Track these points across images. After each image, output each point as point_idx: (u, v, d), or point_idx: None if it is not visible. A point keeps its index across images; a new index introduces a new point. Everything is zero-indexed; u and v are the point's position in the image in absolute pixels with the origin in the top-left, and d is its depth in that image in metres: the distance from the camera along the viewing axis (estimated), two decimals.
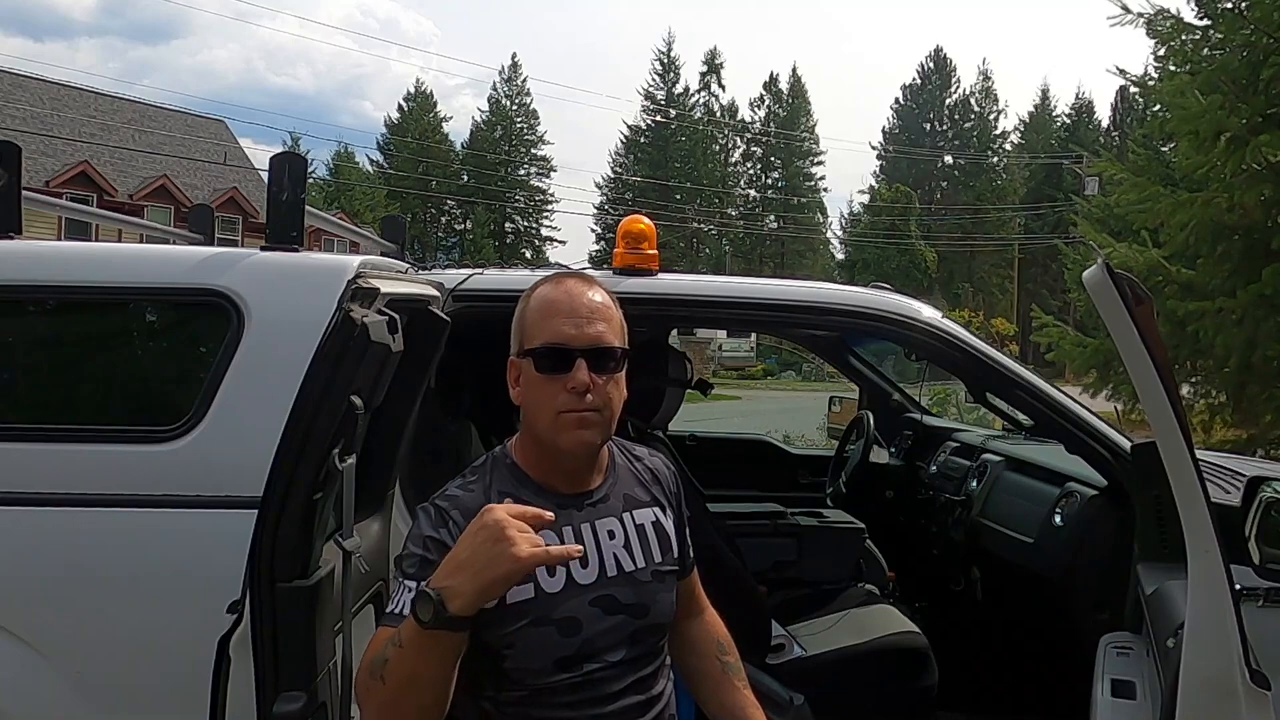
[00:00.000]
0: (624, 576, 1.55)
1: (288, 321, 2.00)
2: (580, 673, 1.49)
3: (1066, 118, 57.74)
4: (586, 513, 1.55)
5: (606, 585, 1.53)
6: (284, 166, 2.10)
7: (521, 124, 56.96)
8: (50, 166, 24.33)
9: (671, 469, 1.74)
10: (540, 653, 1.47)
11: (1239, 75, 7.87)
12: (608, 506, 1.58)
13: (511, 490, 1.51)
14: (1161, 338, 1.88)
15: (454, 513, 1.47)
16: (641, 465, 1.70)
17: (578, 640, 1.49)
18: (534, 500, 1.46)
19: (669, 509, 1.68)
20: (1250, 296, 7.66)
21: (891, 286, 3.02)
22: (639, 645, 1.56)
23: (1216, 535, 1.83)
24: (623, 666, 1.53)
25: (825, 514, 3.55)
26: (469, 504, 1.47)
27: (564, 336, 1.49)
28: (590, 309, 1.52)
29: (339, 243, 15.50)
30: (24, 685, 1.95)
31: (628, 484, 1.64)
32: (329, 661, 1.93)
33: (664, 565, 1.62)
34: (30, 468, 1.99)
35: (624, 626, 1.53)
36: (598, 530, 1.55)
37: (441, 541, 1.44)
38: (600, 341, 1.51)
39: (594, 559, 1.53)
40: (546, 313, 1.52)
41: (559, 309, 1.51)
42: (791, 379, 31.13)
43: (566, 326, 1.50)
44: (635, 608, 1.55)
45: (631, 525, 1.59)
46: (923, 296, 3.34)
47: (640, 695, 1.56)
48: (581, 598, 1.50)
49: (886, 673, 2.83)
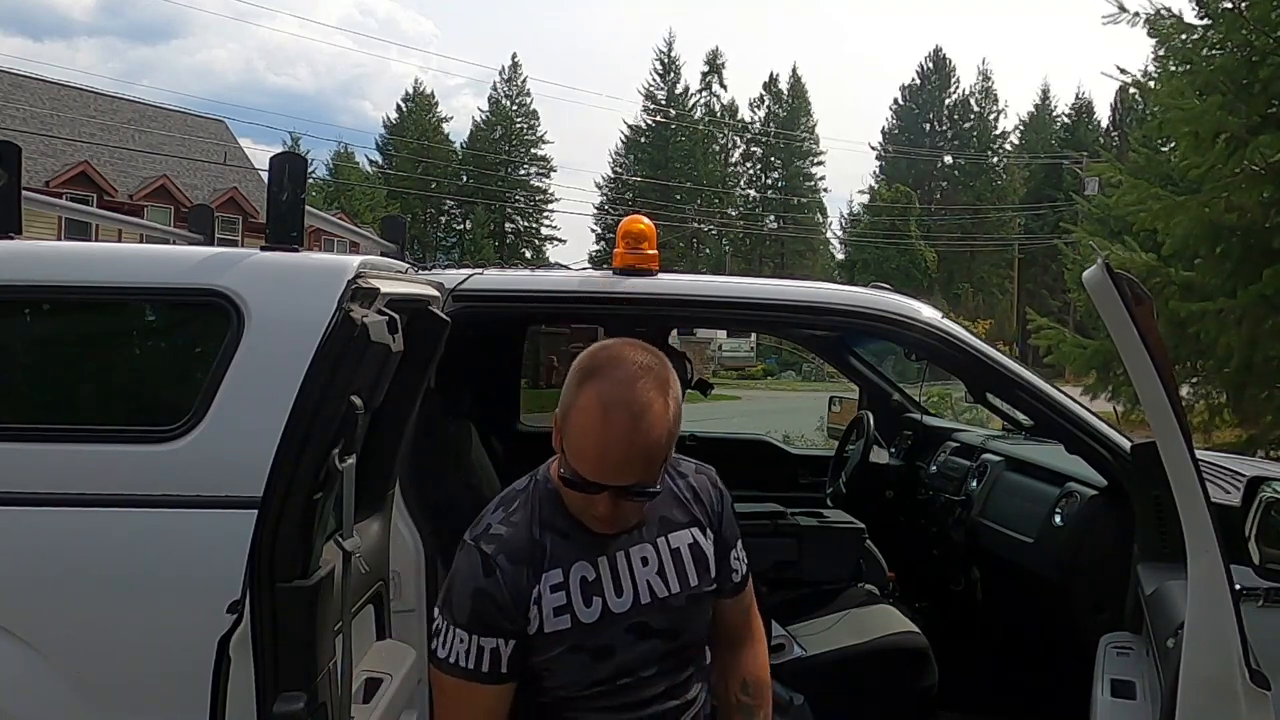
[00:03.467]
0: (657, 603, 1.56)
1: (288, 321, 2.00)
2: (614, 686, 1.54)
3: (1066, 118, 57.79)
4: (620, 540, 1.55)
5: (640, 612, 1.55)
6: (284, 166, 2.10)
7: (521, 124, 56.96)
8: (50, 166, 24.32)
9: (718, 487, 1.70)
10: (576, 676, 1.52)
11: (1238, 76, 7.86)
12: (642, 533, 1.57)
13: (552, 522, 1.53)
14: (1161, 338, 1.88)
15: (500, 558, 1.49)
16: (684, 483, 1.66)
17: (611, 664, 1.53)
18: (572, 533, 1.51)
19: (708, 529, 1.64)
20: (1250, 297, 7.65)
21: (891, 286, 3.02)
22: (671, 660, 1.59)
23: (1216, 535, 1.84)
24: (656, 679, 1.57)
25: (825, 514, 3.54)
26: (514, 543, 1.50)
27: (593, 475, 1.44)
28: (627, 455, 1.42)
29: (339, 243, 15.49)
30: (24, 685, 1.95)
31: (666, 505, 1.61)
32: (329, 661, 1.93)
33: (700, 588, 1.61)
34: (30, 468, 1.99)
35: (657, 648, 1.57)
36: (631, 558, 1.56)
37: (490, 595, 1.47)
38: (629, 484, 1.45)
39: (628, 587, 1.54)
40: (584, 441, 1.44)
41: (593, 450, 1.43)
42: (791, 379, 31.11)
43: (598, 472, 1.43)
44: (667, 633, 1.57)
45: (666, 550, 1.59)
46: (923, 296, 3.34)
47: (674, 700, 1.59)
48: (617, 626, 1.53)
49: (886, 673, 2.82)
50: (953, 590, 3.62)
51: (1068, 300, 18.33)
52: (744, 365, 34.04)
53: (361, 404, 1.92)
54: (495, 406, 4.07)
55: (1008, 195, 55.49)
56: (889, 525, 3.93)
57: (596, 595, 1.51)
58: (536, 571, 1.50)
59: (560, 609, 1.50)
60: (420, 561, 2.58)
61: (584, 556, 1.50)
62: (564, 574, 1.51)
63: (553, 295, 3.07)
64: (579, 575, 1.51)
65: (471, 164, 55.75)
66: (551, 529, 1.52)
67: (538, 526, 1.52)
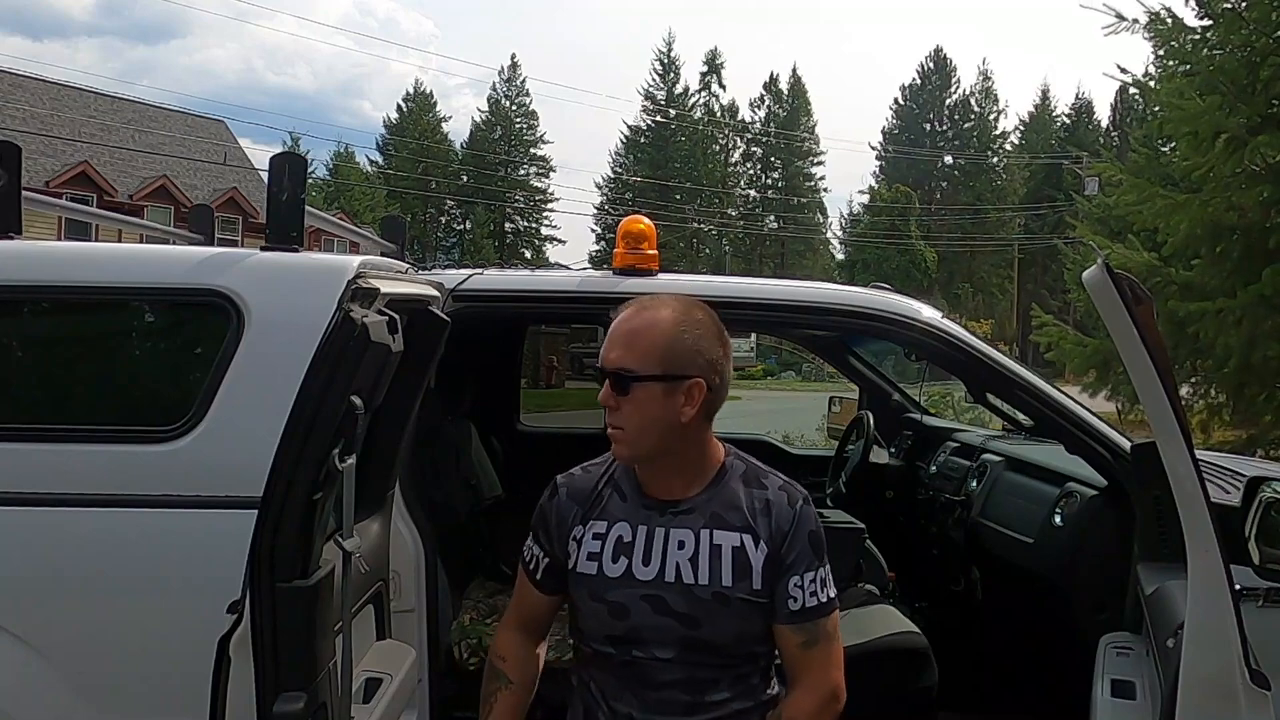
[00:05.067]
0: (681, 586, 1.63)
1: (288, 322, 1.99)
2: (629, 656, 1.65)
3: (1066, 118, 57.79)
4: (666, 519, 1.66)
5: (660, 588, 1.63)
6: (284, 166, 2.10)
7: (521, 124, 56.96)
8: (50, 166, 24.33)
9: (797, 510, 1.66)
10: (593, 624, 1.67)
11: (1238, 76, 7.86)
12: (689, 519, 1.65)
13: (619, 483, 1.71)
14: (1162, 338, 1.88)
15: (563, 489, 1.73)
16: (758, 495, 1.67)
17: (625, 625, 1.64)
18: (630, 497, 1.68)
19: (764, 543, 1.64)
20: (1250, 297, 7.65)
21: (891, 287, 3.02)
22: (695, 653, 1.63)
23: (1216, 535, 1.84)
24: (672, 665, 1.64)
25: (825, 514, 3.53)
26: (579, 486, 1.73)
27: (600, 357, 1.65)
28: (619, 334, 1.63)
29: (339, 243, 15.48)
30: (24, 685, 1.95)
31: (725, 504, 1.65)
32: (329, 661, 1.93)
33: (734, 591, 1.62)
34: (30, 468, 1.99)
35: (673, 630, 1.63)
36: (670, 537, 1.65)
37: (545, 513, 1.73)
38: (610, 364, 1.62)
39: (656, 560, 1.64)
40: None
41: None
42: (791, 379, 31.12)
43: (602, 349, 1.65)
44: (686, 618, 1.62)
45: (708, 542, 1.64)
46: (923, 297, 3.35)
47: (688, 696, 1.63)
48: (634, 590, 1.64)
49: (886, 673, 2.82)
50: (953, 590, 3.62)
51: (1068, 300, 18.33)
52: (744, 365, 34.04)
53: (361, 404, 1.92)
54: (495, 406, 4.07)
55: (1008, 195, 55.50)
56: (889, 525, 3.92)
57: (625, 556, 1.65)
58: (585, 515, 1.70)
59: (592, 555, 1.67)
60: (420, 561, 2.58)
61: (629, 519, 1.66)
62: (607, 527, 1.68)
63: (553, 295, 3.07)
64: (617, 534, 1.67)
65: (471, 164, 55.75)
66: (615, 487, 1.70)
67: (605, 480, 1.72)
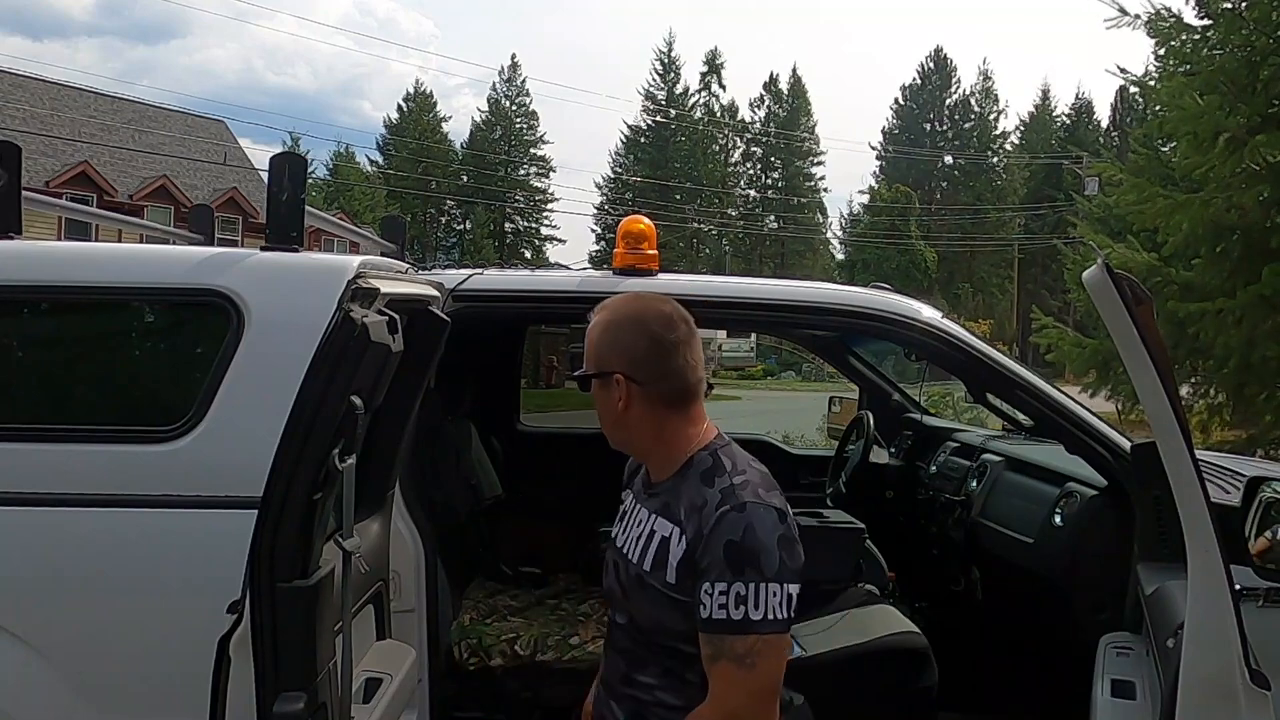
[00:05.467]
0: (624, 560, 1.76)
1: (288, 322, 2.00)
2: (610, 613, 1.84)
3: (1066, 118, 57.74)
4: (644, 499, 1.79)
5: (619, 556, 1.77)
6: (284, 166, 2.10)
7: (521, 124, 56.94)
8: (50, 166, 24.32)
9: (718, 515, 1.60)
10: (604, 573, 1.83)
11: (1238, 76, 7.86)
12: (652, 502, 1.75)
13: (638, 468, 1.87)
14: (1162, 338, 1.88)
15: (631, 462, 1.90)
16: (701, 492, 1.65)
17: (606, 582, 1.81)
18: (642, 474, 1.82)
19: (686, 539, 1.63)
20: (1249, 297, 7.65)
21: (891, 287, 3.02)
22: (633, 627, 1.74)
23: (1216, 535, 1.84)
24: (619, 631, 1.78)
25: (825, 514, 3.54)
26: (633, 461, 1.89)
27: None
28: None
29: (339, 243, 15.48)
30: (24, 685, 1.96)
31: (676, 496, 1.69)
32: (329, 661, 1.93)
33: (650, 578, 1.66)
34: (30, 468, 1.99)
35: (619, 598, 1.77)
36: (635, 515, 1.79)
37: (626, 471, 1.92)
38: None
39: (625, 533, 1.78)
40: None
41: None
42: (791, 379, 31.11)
43: None
44: (624, 590, 1.75)
45: (648, 526, 1.72)
46: (923, 297, 3.35)
47: (625, 668, 1.73)
48: (613, 554, 1.80)
49: (886, 673, 2.82)
50: (953, 590, 3.62)
51: (1068, 300, 18.33)
52: (744, 365, 34.04)
53: (361, 404, 1.92)
54: (495, 406, 4.08)
55: (1008, 195, 55.46)
56: (889, 525, 3.92)
57: (621, 522, 1.82)
58: (628, 482, 1.90)
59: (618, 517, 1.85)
60: (420, 561, 2.58)
61: (635, 493, 1.82)
62: (629, 495, 1.86)
63: (553, 295, 3.07)
64: (625, 502, 1.86)
65: (471, 164, 55.71)
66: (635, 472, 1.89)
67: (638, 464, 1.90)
